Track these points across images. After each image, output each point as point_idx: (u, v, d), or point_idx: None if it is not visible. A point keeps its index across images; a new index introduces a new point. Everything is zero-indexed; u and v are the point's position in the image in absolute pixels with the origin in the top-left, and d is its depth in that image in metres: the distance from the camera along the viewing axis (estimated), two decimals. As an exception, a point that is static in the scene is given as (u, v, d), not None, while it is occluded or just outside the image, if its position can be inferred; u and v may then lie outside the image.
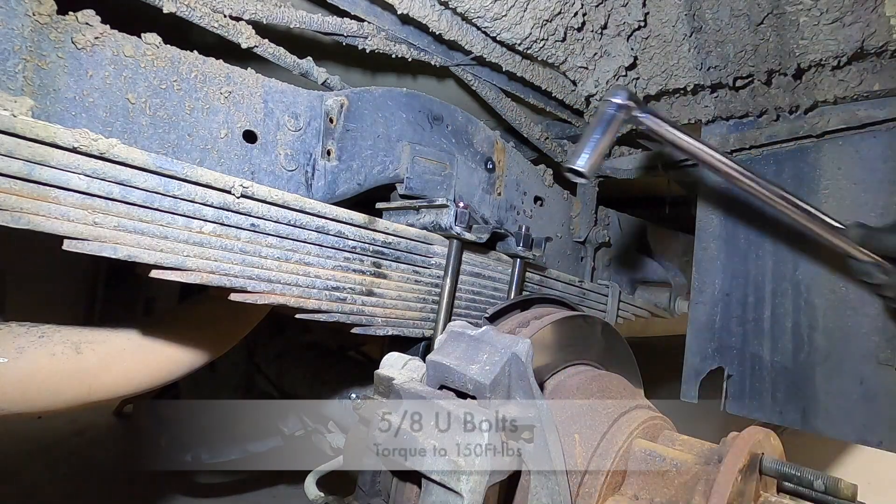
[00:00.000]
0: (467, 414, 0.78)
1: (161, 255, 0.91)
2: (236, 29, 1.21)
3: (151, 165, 0.89)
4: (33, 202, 0.80)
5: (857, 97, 1.45)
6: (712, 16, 1.42)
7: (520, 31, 1.41)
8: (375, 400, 1.02)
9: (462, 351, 0.90)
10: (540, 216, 1.84)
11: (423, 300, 1.31)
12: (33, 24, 0.92)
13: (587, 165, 1.06)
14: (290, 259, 1.07)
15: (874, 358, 1.45)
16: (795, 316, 1.60)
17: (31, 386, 1.00)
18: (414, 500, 0.88)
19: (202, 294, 1.34)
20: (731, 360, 1.72)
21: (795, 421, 1.58)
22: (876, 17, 1.25)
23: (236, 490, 2.69)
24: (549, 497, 0.85)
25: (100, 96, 0.99)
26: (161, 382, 1.20)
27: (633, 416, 1.01)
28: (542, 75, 1.67)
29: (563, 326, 1.16)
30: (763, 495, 0.89)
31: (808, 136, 1.53)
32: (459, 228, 1.26)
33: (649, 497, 0.91)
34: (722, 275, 1.77)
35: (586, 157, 1.06)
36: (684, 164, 1.86)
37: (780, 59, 1.42)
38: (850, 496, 0.84)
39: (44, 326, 1.06)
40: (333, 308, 1.14)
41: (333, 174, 1.32)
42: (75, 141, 0.82)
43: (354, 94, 1.35)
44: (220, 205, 0.97)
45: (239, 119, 1.17)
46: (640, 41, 1.56)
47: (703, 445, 0.95)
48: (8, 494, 2.46)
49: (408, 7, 1.32)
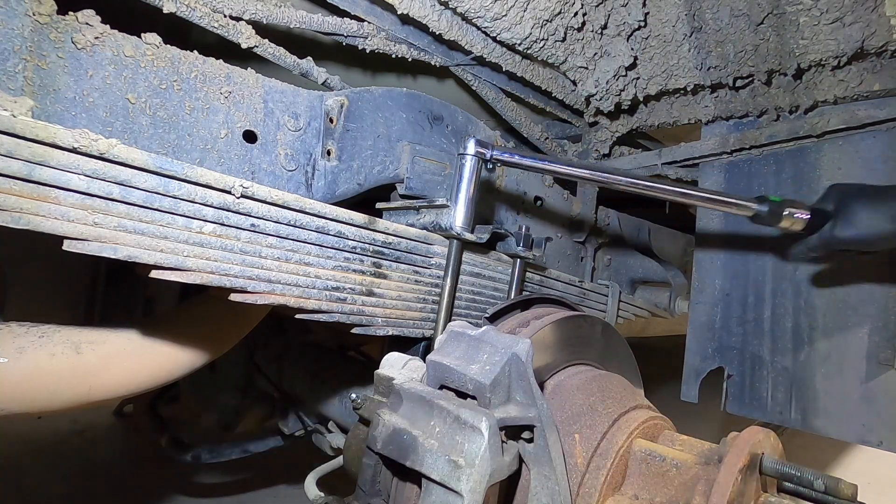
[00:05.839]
0: (467, 414, 0.78)
1: (161, 255, 0.91)
2: (236, 29, 1.21)
3: (151, 165, 0.89)
4: (33, 202, 0.80)
5: (857, 97, 1.45)
6: (712, 16, 1.43)
7: (520, 31, 1.41)
8: (375, 400, 1.02)
9: (462, 351, 0.90)
10: (540, 216, 1.84)
11: (424, 300, 1.31)
12: (33, 24, 0.92)
13: (469, 225, 1.26)
14: (290, 259, 1.07)
15: (874, 358, 1.45)
16: (795, 316, 1.60)
17: (31, 386, 1.00)
18: (414, 500, 0.88)
19: (202, 294, 1.33)
20: (731, 360, 1.72)
21: (795, 421, 1.58)
22: (876, 17, 1.25)
23: (236, 490, 2.69)
24: (549, 497, 0.85)
25: (100, 96, 0.99)
26: (161, 382, 1.20)
27: (634, 416, 1.01)
28: (542, 75, 1.67)
29: (563, 326, 1.16)
30: (763, 495, 0.89)
31: (808, 136, 1.53)
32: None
33: (649, 497, 0.91)
34: (722, 275, 1.77)
35: (463, 216, 1.25)
36: (684, 164, 1.86)
37: (780, 59, 1.42)
38: (850, 496, 0.84)
39: (44, 326, 1.06)
40: (333, 308, 1.14)
41: (333, 174, 1.32)
42: (75, 141, 0.82)
43: (354, 94, 1.35)
44: (220, 205, 0.97)
45: (239, 119, 1.16)
46: (640, 41, 1.56)
47: (704, 445, 0.95)
48: (8, 494, 2.46)
49: (408, 7, 1.32)
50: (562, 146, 2.02)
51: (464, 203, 1.25)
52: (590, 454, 0.94)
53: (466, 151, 1.23)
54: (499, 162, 1.25)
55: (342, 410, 1.84)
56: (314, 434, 2.06)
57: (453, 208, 1.26)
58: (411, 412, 0.87)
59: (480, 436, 0.76)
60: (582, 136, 2.00)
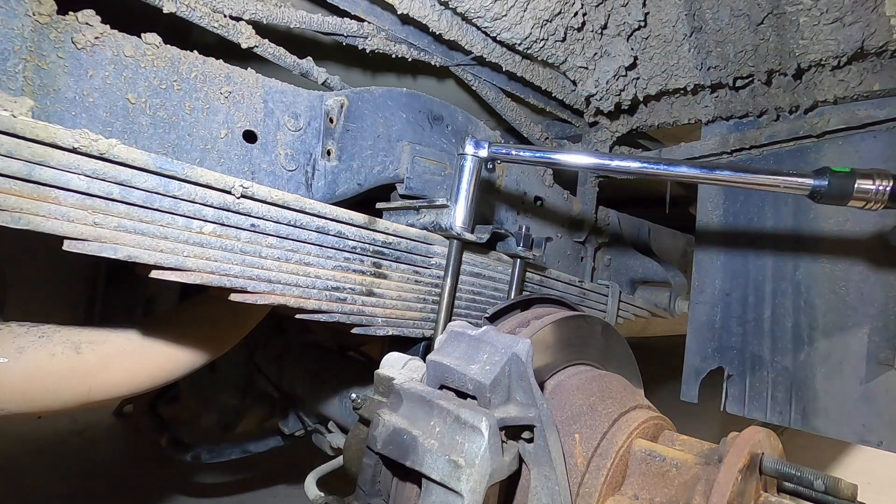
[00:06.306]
0: (467, 414, 0.78)
1: (161, 255, 0.91)
2: (236, 29, 1.21)
3: (151, 166, 0.89)
4: (33, 202, 0.80)
5: (857, 97, 1.45)
6: (712, 16, 1.43)
7: (520, 31, 1.41)
8: (375, 400, 1.02)
9: (462, 351, 0.90)
10: (540, 216, 1.84)
11: (424, 300, 1.31)
12: (33, 24, 0.92)
13: (469, 225, 1.25)
14: (290, 259, 1.07)
15: (874, 358, 1.45)
16: (795, 316, 1.60)
17: (31, 386, 1.00)
18: (414, 500, 0.88)
19: (202, 294, 1.33)
20: (731, 360, 1.72)
21: (795, 421, 1.58)
22: (876, 17, 1.25)
23: (236, 490, 2.69)
24: (549, 497, 0.85)
25: (100, 96, 0.99)
26: (161, 382, 1.20)
27: (634, 416, 1.01)
28: (542, 75, 1.67)
29: (563, 326, 1.16)
30: (763, 495, 0.89)
31: (808, 136, 1.53)
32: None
33: (649, 497, 0.91)
34: (722, 275, 1.77)
35: (463, 216, 1.25)
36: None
37: (780, 59, 1.42)
38: (850, 496, 0.84)
39: (44, 326, 1.06)
40: (333, 308, 1.14)
41: (333, 174, 1.32)
42: (75, 141, 0.82)
43: (354, 94, 1.35)
44: (220, 205, 0.97)
45: (239, 119, 1.16)
46: (640, 41, 1.56)
47: (704, 445, 0.95)
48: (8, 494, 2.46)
49: (408, 7, 1.32)
50: (562, 146, 2.02)
51: (464, 203, 1.25)
52: (590, 454, 0.94)
53: (466, 151, 1.24)
54: (497, 158, 1.24)
55: (342, 410, 1.84)
56: (314, 434, 2.06)
57: (453, 208, 1.26)
58: (411, 412, 0.87)
59: (480, 436, 0.76)
60: (582, 136, 2.00)
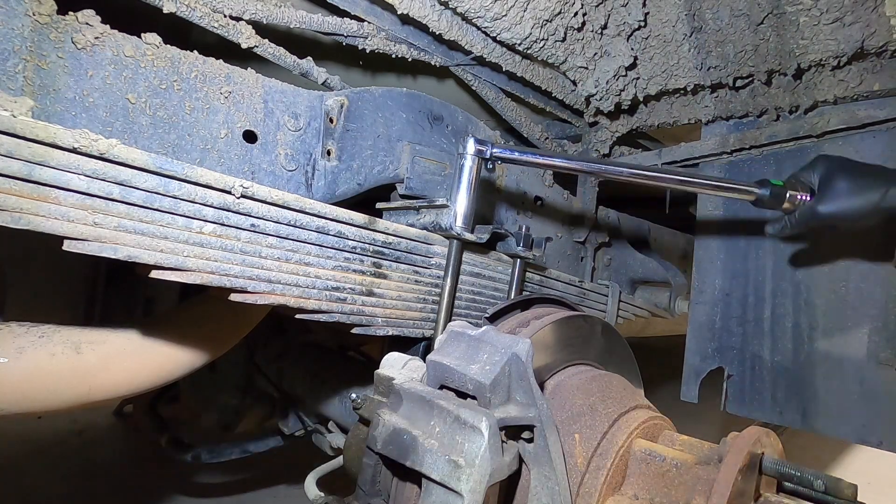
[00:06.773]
0: (467, 414, 0.78)
1: (161, 255, 0.91)
2: (236, 29, 1.21)
3: (151, 165, 0.89)
4: (33, 202, 0.80)
5: (857, 97, 1.45)
6: (712, 16, 1.43)
7: (520, 31, 1.41)
8: (375, 400, 1.02)
9: (462, 351, 0.90)
10: (540, 216, 1.84)
11: (424, 300, 1.31)
12: (33, 24, 0.92)
13: (469, 225, 1.26)
14: (290, 259, 1.07)
15: (874, 358, 1.45)
16: (795, 316, 1.60)
17: (31, 386, 1.00)
18: (414, 500, 0.88)
19: (202, 294, 1.33)
20: (731, 360, 1.72)
21: (795, 421, 1.58)
22: (876, 17, 1.25)
23: (236, 490, 2.69)
24: (549, 497, 0.85)
25: (100, 96, 0.99)
26: (161, 382, 1.20)
27: (634, 416, 1.01)
28: (542, 75, 1.67)
29: (563, 326, 1.16)
30: (763, 495, 0.89)
31: (808, 136, 1.54)
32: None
33: (649, 497, 0.91)
34: (722, 275, 1.77)
35: (463, 216, 1.25)
36: (684, 164, 1.86)
37: (780, 59, 1.42)
38: (850, 496, 0.84)
39: (44, 326, 1.06)
40: (333, 308, 1.14)
41: (333, 174, 1.32)
42: (75, 141, 0.82)
43: (354, 94, 1.35)
44: (220, 205, 0.97)
45: (239, 119, 1.16)
46: (640, 41, 1.56)
47: (703, 445, 0.95)
48: (8, 494, 2.46)
49: (408, 7, 1.32)
50: (562, 146, 2.02)
51: (464, 203, 1.25)
52: (590, 454, 0.94)
53: (466, 151, 1.24)
54: (498, 159, 1.25)
55: (342, 410, 1.84)
56: (314, 434, 2.06)
57: (453, 208, 1.26)
58: (411, 412, 0.87)
59: (480, 436, 0.76)
60: (582, 136, 2.00)
